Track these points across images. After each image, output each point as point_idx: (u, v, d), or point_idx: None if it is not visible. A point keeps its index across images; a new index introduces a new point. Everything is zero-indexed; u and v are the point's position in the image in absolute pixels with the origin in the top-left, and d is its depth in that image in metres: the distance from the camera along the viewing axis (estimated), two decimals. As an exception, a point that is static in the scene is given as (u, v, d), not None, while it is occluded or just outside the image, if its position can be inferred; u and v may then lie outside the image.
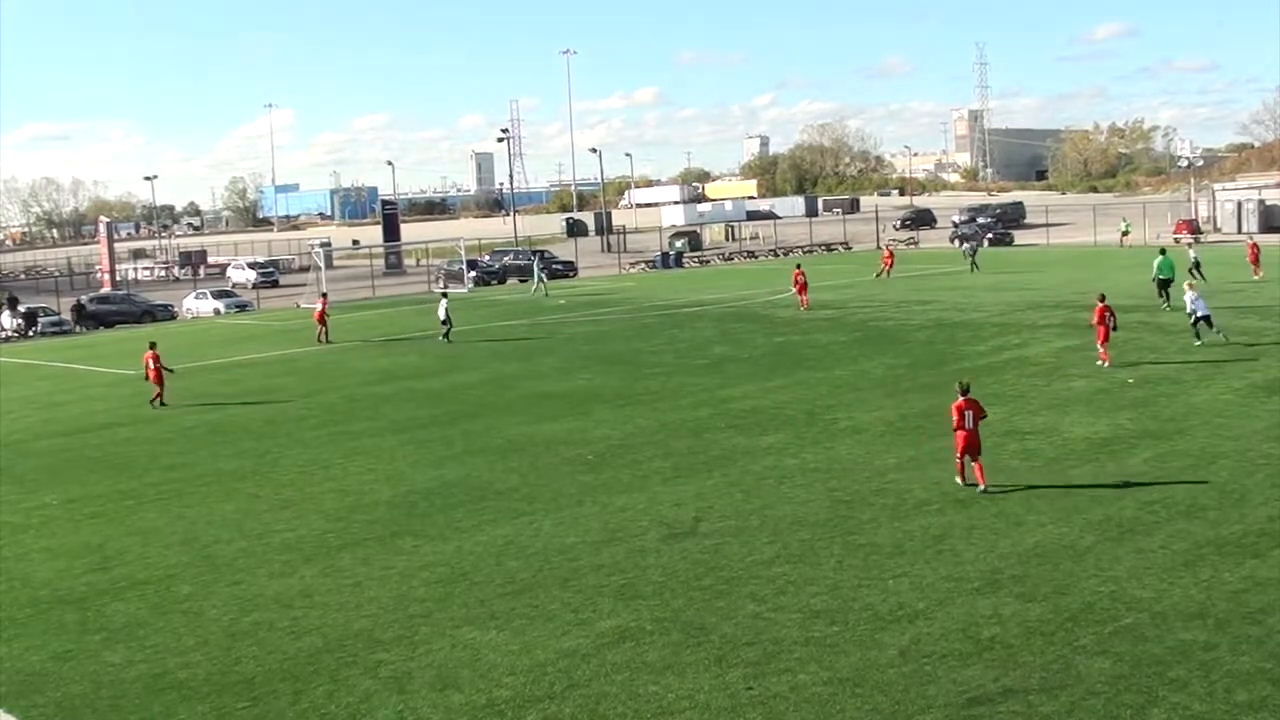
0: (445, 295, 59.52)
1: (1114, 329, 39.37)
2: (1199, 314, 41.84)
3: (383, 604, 20.24)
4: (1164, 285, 52.55)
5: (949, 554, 20.90)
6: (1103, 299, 39.28)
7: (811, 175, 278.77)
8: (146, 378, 43.12)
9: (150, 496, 29.19)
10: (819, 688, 15.70)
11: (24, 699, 17.30)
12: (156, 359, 43.09)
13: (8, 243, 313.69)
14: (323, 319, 60.90)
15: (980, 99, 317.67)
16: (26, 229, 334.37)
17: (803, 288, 61.83)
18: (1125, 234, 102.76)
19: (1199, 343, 41.56)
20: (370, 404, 40.48)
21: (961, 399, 25.18)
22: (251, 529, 25.50)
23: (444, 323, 57.17)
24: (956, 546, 21.28)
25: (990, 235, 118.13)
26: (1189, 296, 42.76)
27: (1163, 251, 52.79)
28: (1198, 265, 61.15)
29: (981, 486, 24.49)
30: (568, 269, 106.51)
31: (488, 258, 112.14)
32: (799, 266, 66.40)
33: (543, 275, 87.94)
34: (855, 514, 23.66)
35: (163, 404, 42.19)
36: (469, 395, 40.88)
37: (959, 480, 25.09)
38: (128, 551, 24.51)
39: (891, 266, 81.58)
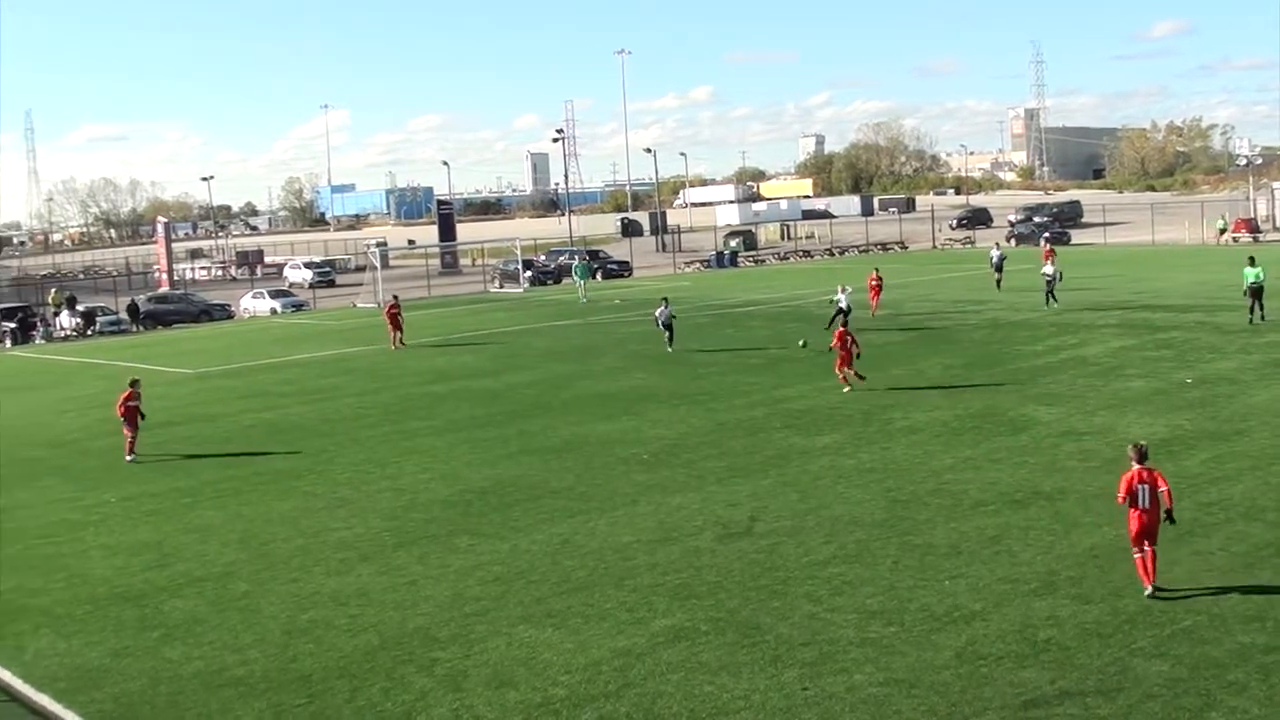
0: (666, 300, 52.83)
1: (858, 355, 38.08)
2: (842, 308, 50.59)
3: (439, 602, 20.31)
4: (1257, 294, 48.53)
5: (1005, 555, 20.82)
6: (845, 325, 38.83)
7: (867, 174, 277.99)
8: (124, 419, 34.73)
9: (207, 494, 29.37)
10: (875, 688, 15.67)
11: (83, 694, 17.44)
12: (129, 398, 34.59)
13: (66, 243, 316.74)
14: (396, 321, 58.07)
15: (1036, 97, 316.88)
16: (85, 229, 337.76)
17: (876, 291, 58.95)
18: (1222, 231, 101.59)
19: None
20: (426, 403, 40.60)
21: (1136, 468, 19.03)
22: (308, 527, 25.64)
23: (668, 325, 50.14)
24: (1013, 547, 21.20)
25: (1047, 235, 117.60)
26: (841, 295, 51.33)
27: (1251, 260, 50.56)
28: (1049, 287, 58.28)
29: (1148, 589, 18.51)
30: (623, 269, 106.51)
31: (543, 258, 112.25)
32: (876, 269, 62.51)
33: (585, 277, 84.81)
34: (911, 514, 23.58)
35: (132, 456, 34.18)
36: (524, 395, 40.94)
37: (1146, 585, 18.58)
38: (185, 549, 24.68)
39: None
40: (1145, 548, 18.69)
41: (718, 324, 58.81)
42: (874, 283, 59.13)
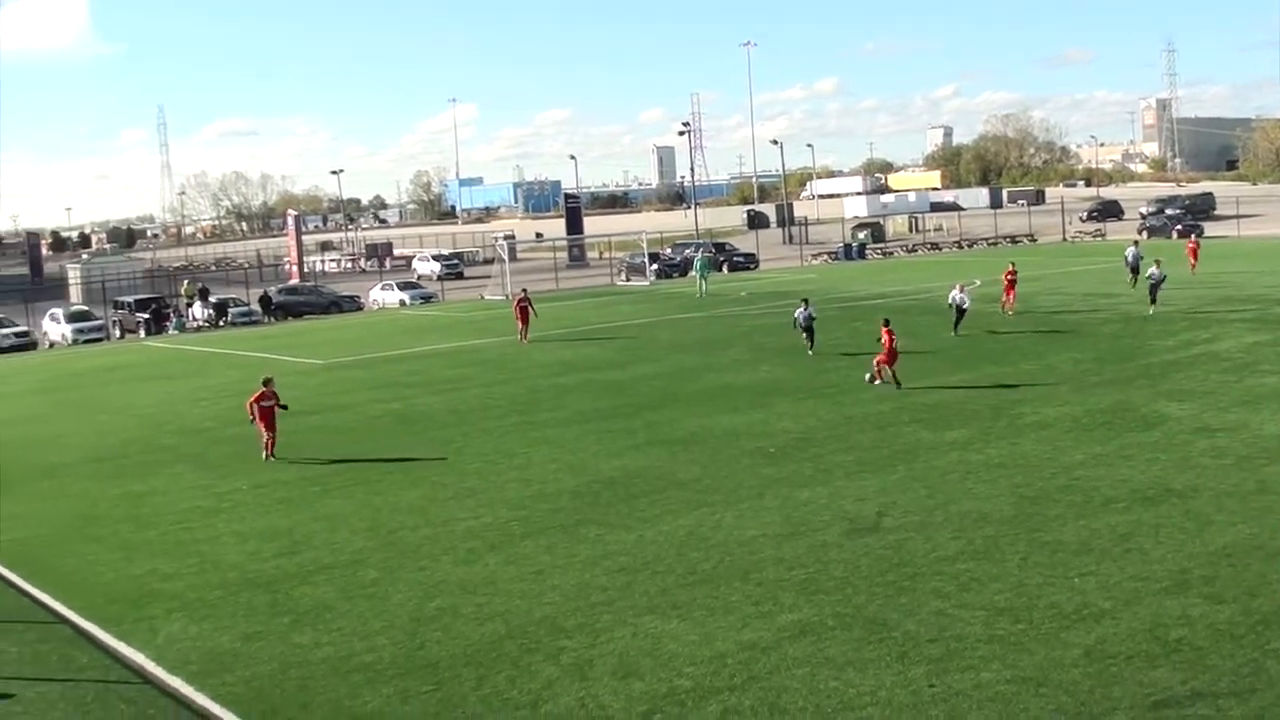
0: (806, 300, 47.33)
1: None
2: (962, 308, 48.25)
3: (565, 592, 20.41)
4: None
5: (1136, 553, 20.53)
6: (887, 322, 37.70)
7: (996, 166, 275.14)
8: (252, 420, 33.47)
9: (337, 483, 29.72)
10: (1002, 686, 15.52)
11: (214, 678, 17.72)
12: (264, 398, 32.90)
13: (198, 235, 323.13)
14: (525, 315, 57.15)
15: (1168, 88, 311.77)
16: (216, 222, 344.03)
17: (1011, 286, 55.68)
18: None
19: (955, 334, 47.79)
20: (553, 394, 40.79)
21: None
22: (436, 516, 25.86)
23: (808, 328, 45.99)
24: (1144, 545, 20.89)
25: (1179, 227, 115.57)
26: (957, 294, 48.28)
27: None
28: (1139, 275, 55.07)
29: None
30: (749, 261, 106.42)
31: (669, 250, 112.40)
32: (1012, 264, 58.86)
33: (707, 273, 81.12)
34: (1041, 510, 23.32)
35: (272, 456, 32.85)
36: (651, 387, 41.02)
37: None
38: (315, 536, 25.00)
39: (1197, 260, 71.84)
40: None
41: (845, 317, 58.48)
42: (1009, 278, 56.37)
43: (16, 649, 19.79)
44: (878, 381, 37.23)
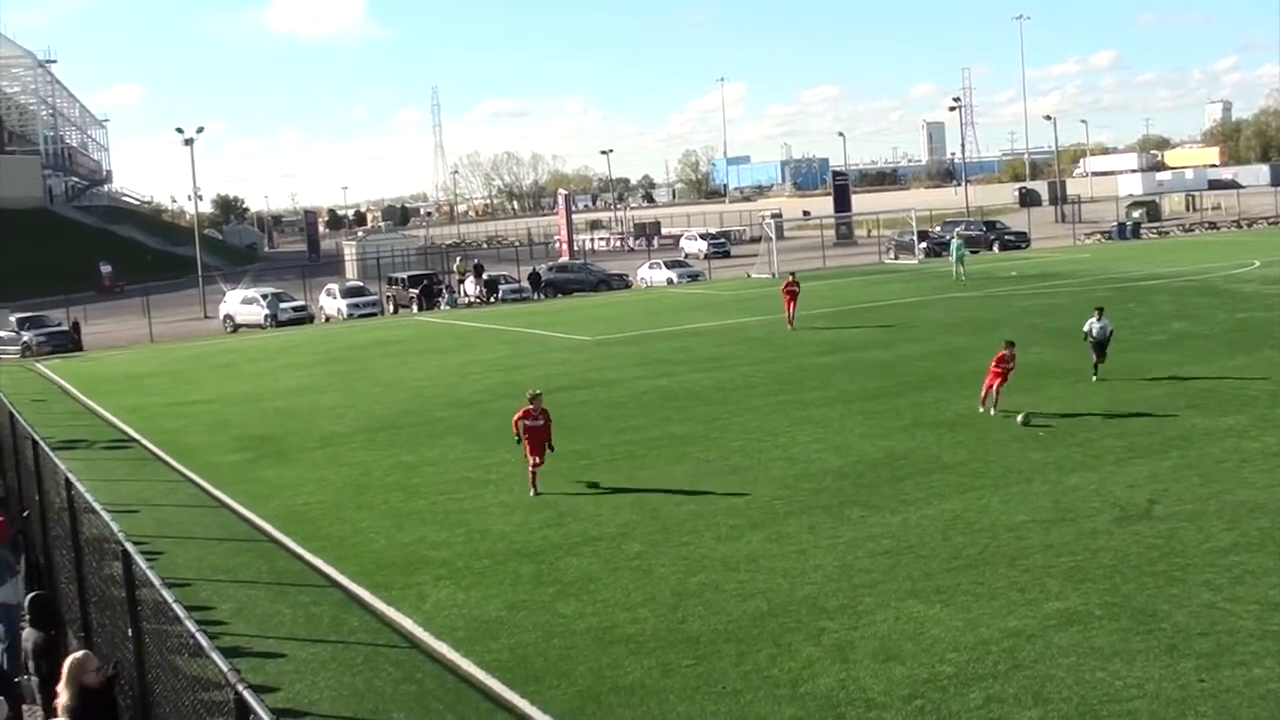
0: (1101, 310, 36.84)
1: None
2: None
3: (827, 572, 20.37)
4: None
5: None
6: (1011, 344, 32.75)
7: (1277, 142, 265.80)
8: (519, 439, 27.20)
9: (603, 457, 30.08)
10: (1275, 684, 15.02)
11: (480, 644, 18.19)
12: (529, 415, 26.81)
13: (470, 214, 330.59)
14: (793, 299, 54.96)
15: None
16: (488, 201, 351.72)
17: None
18: None
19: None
20: (818, 374, 40.66)
21: None
22: (700, 492, 26.04)
23: (1101, 344, 36.26)
24: None
25: None
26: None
27: None
28: None
29: None
30: (1020, 240, 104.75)
31: (939, 228, 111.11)
32: None
33: (963, 255, 77.30)
34: (1321, 502, 22.53)
35: (536, 492, 26.68)
36: (918, 367, 40.62)
37: None
38: (581, 509, 25.36)
39: None
40: None
41: (1119, 298, 56.96)
42: None
43: (290, 611, 20.56)
44: (987, 408, 32.34)
